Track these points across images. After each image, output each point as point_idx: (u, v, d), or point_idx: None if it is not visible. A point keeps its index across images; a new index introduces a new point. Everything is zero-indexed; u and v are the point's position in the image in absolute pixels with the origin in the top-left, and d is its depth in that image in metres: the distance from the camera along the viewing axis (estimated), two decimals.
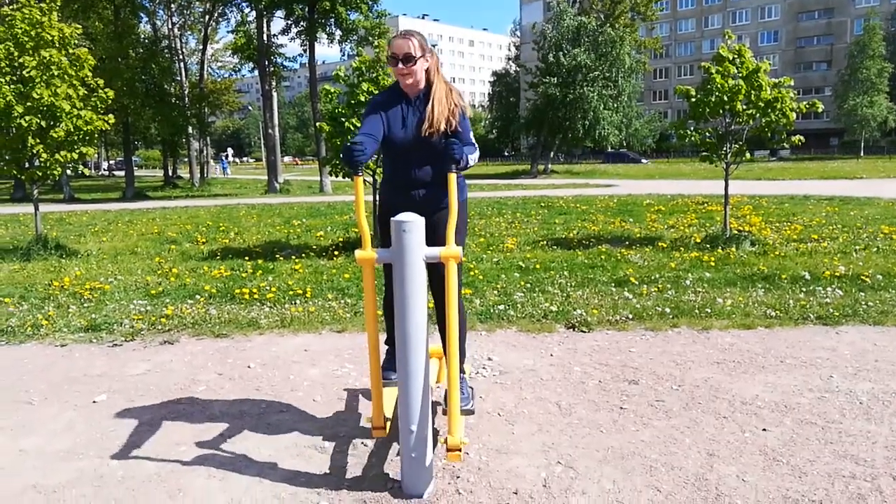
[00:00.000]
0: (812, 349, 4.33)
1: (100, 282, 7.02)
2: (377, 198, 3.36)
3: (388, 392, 2.96)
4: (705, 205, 14.02)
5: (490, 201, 16.74)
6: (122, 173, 41.78)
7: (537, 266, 7.34)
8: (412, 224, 2.46)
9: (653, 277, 6.62)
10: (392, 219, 2.50)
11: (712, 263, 7.28)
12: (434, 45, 3.11)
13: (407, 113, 2.88)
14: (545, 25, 35.70)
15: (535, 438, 3.10)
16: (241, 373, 4.16)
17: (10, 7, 8.33)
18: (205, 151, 38.01)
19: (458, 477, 2.73)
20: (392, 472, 2.77)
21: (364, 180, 3.01)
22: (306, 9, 21.62)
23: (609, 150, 53.08)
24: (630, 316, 5.18)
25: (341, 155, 2.60)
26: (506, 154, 78.60)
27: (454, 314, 2.58)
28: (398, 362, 2.57)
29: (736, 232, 8.79)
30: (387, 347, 3.15)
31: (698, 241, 8.74)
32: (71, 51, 8.52)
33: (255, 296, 6.19)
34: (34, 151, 8.27)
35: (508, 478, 2.73)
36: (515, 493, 2.61)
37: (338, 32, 22.58)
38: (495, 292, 6.13)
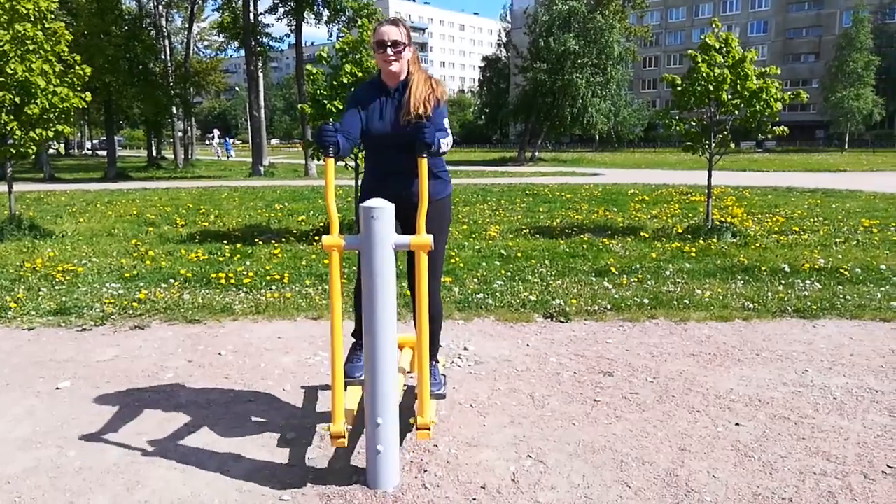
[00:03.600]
0: (788, 342, 4.32)
1: (73, 264, 6.88)
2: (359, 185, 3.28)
3: (353, 391, 2.88)
4: (689, 195, 14.03)
5: (475, 188, 16.66)
6: (105, 153, 41.21)
7: (519, 254, 7.29)
8: (381, 210, 2.39)
9: (633, 268, 6.60)
10: (361, 204, 2.44)
11: (693, 254, 7.27)
12: (424, 30, 3.07)
13: (385, 104, 2.85)
14: (538, 9, 35.43)
15: (507, 431, 3.06)
16: (211, 360, 4.08)
17: None
18: (189, 132, 37.50)
19: (425, 471, 2.68)
20: (359, 465, 2.72)
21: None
22: None
23: (597, 137, 53.05)
24: (608, 306, 5.15)
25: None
26: (494, 140, 78.30)
27: (424, 303, 2.52)
28: (365, 351, 2.51)
29: (718, 223, 8.79)
30: (353, 340, 3.08)
31: (680, 231, 8.73)
32: (47, 25, 8.29)
33: (232, 281, 6.09)
34: (8, 129, 8.06)
35: (477, 471, 2.69)
36: (483, 488, 2.56)
37: (325, 13, 22.28)
38: (475, 280, 6.08)
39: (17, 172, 27.05)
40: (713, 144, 8.48)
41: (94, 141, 67.76)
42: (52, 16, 8.42)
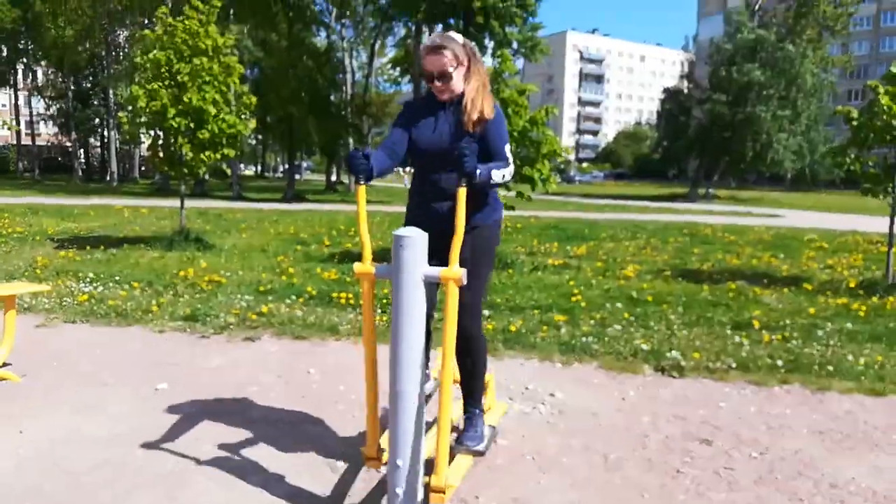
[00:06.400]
0: None
1: (219, 275, 7.49)
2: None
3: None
4: (879, 244, 12.27)
5: (628, 224, 15.92)
6: (298, 177, 45.12)
7: (650, 298, 6.75)
8: (411, 240, 2.29)
9: (782, 323, 5.82)
10: (393, 232, 2.34)
11: (861, 313, 6.27)
12: (601, 62, 2.86)
13: (439, 118, 2.67)
14: (721, 38, 33.52)
15: (562, 495, 2.76)
16: (298, 378, 4.18)
17: (174, 18, 9.21)
18: None
19: None
20: None
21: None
22: (461, 23, 22.07)
23: (788, 177, 48.79)
24: (733, 364, 4.55)
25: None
26: (671, 176, 74.81)
27: (451, 340, 2.35)
28: (390, 386, 2.38)
29: None
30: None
31: (853, 285, 7.61)
32: (222, 59, 9.27)
33: (351, 301, 6.25)
34: (182, 151, 9.09)
35: None
36: None
37: (490, 45, 22.81)
38: (591, 322, 5.71)
39: (215, 191, 30.67)
40: None
41: (286, 165, 74.74)
42: (228, 50, 9.41)
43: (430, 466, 2.48)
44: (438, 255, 2.48)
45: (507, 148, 2.62)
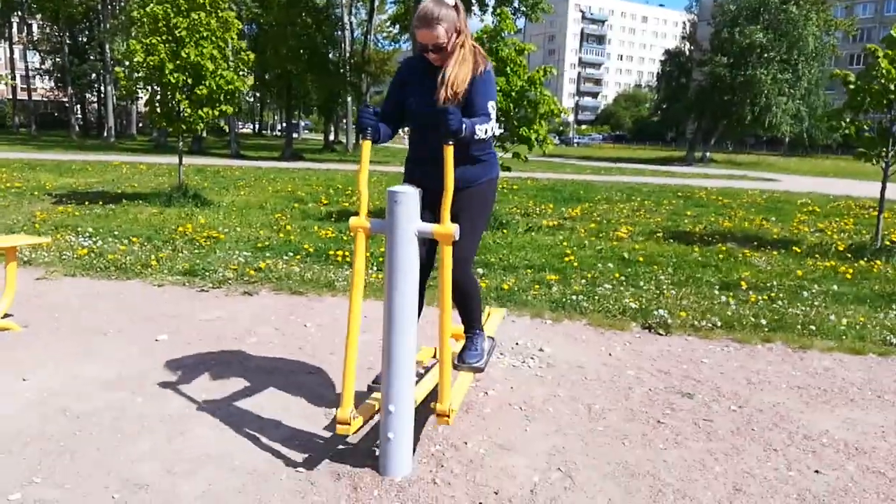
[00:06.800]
0: None
1: (217, 231, 7.57)
2: None
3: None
4: (871, 209, 12.35)
5: (623, 186, 15.96)
6: (296, 136, 44.71)
7: (640, 258, 6.86)
8: (404, 195, 2.36)
9: (769, 284, 5.95)
10: (388, 189, 2.41)
11: (848, 276, 6.39)
12: (604, 22, 2.85)
13: (425, 82, 2.69)
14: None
15: (547, 440, 2.89)
16: (294, 330, 4.29)
17: None
18: None
19: (442, 465, 2.61)
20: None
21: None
22: None
23: (786, 140, 48.55)
24: (718, 323, 4.68)
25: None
26: (669, 139, 74.34)
27: (447, 294, 2.45)
28: (384, 336, 2.48)
29: (889, 243, 7.66)
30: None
31: (841, 248, 7.73)
32: (220, 13, 9.17)
33: (347, 259, 6.34)
34: (180, 107, 9.06)
35: (497, 476, 2.57)
36: (496, 494, 2.44)
37: (492, 2, 22.43)
38: (582, 282, 5.82)
39: (212, 148, 30.48)
40: (890, 153, 7.38)
41: (284, 124, 74.09)
42: (225, 5, 9.30)
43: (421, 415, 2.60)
44: (435, 212, 2.54)
45: (491, 104, 2.64)
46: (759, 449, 2.88)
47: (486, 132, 2.55)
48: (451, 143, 2.39)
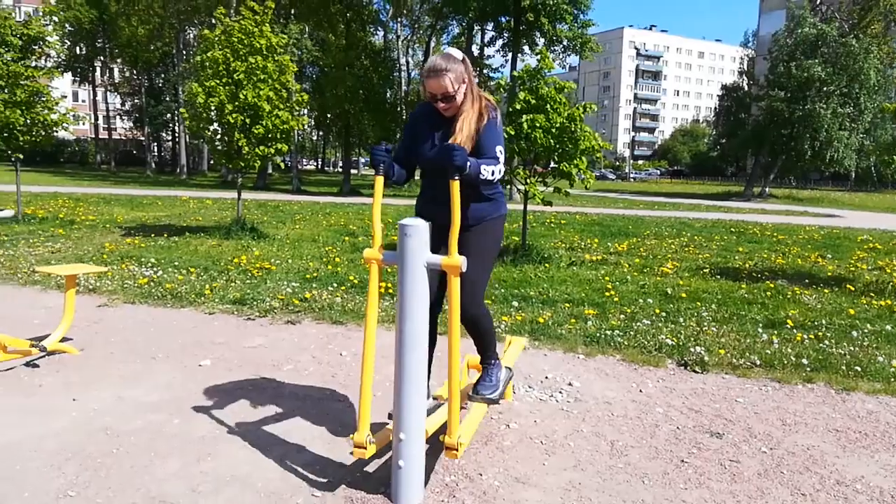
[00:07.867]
0: None
1: (270, 262, 7.85)
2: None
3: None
4: None
5: (674, 221, 15.69)
6: (355, 172, 45.84)
7: (683, 294, 6.76)
8: (414, 228, 2.49)
9: (816, 323, 5.76)
10: (399, 222, 2.54)
11: None
12: (659, 58, 2.94)
13: (437, 133, 2.82)
14: (781, 33, 32.41)
15: (565, 475, 2.90)
16: (331, 359, 4.42)
17: (231, 19, 9.65)
18: None
19: (454, 496, 2.66)
20: None
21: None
22: (511, 20, 22.08)
23: (852, 176, 46.87)
24: (758, 361, 4.57)
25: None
26: (729, 174, 72.71)
27: (455, 328, 2.53)
28: (396, 365, 2.57)
29: None
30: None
31: None
32: (276, 57, 9.67)
33: (391, 290, 6.48)
34: (239, 145, 9.53)
35: None
36: None
37: (541, 42, 22.74)
38: (621, 316, 5.78)
39: (276, 184, 31.59)
40: None
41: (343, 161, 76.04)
42: (282, 49, 9.80)
43: (434, 442, 2.66)
44: (445, 247, 2.65)
45: (499, 149, 2.75)
46: (786, 493, 2.81)
47: (492, 173, 2.65)
48: (456, 177, 2.49)
